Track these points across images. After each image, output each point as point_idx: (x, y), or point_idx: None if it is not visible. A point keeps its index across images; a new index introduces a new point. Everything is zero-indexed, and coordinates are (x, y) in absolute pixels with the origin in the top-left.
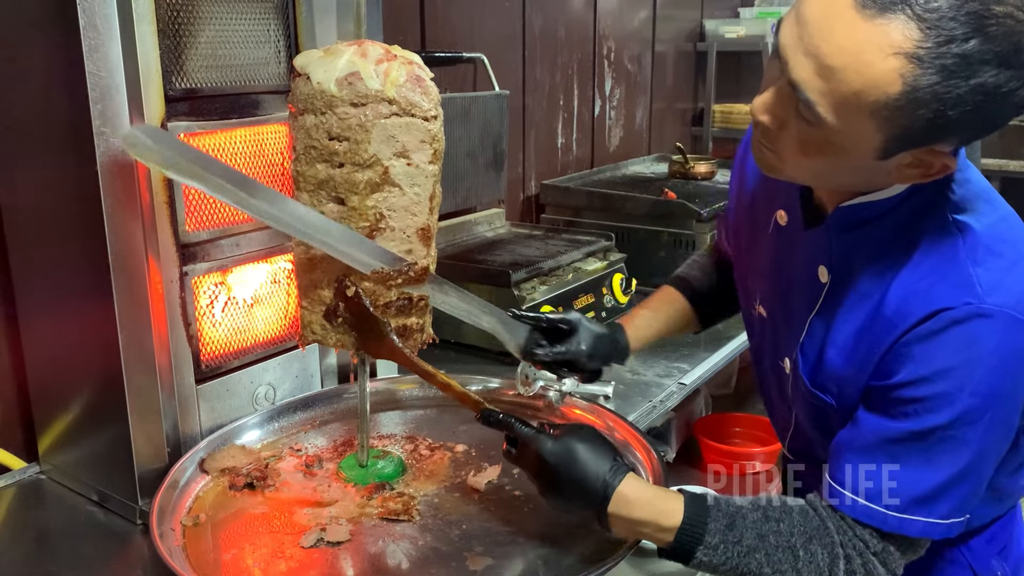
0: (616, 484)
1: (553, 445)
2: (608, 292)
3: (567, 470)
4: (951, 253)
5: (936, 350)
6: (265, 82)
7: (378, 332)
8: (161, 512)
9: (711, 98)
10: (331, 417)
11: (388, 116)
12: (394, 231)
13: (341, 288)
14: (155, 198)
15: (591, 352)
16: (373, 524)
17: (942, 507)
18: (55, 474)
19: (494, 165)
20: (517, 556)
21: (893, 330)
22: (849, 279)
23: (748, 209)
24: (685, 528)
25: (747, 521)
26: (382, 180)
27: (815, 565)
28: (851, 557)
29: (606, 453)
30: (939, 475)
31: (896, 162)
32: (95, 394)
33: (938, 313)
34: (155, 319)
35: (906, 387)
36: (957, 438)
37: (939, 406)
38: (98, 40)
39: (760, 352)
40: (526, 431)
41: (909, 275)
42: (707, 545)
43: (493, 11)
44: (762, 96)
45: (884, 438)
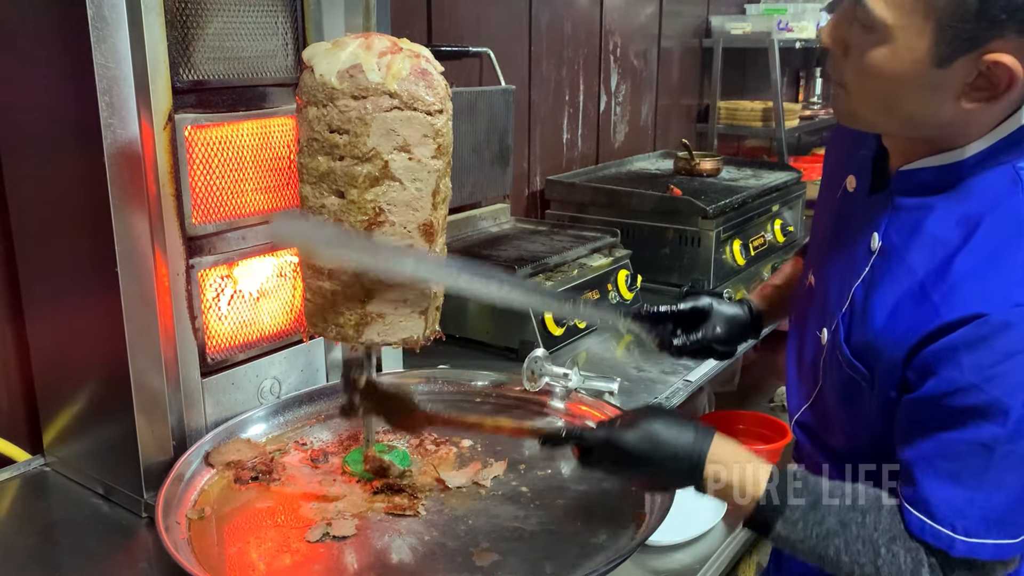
0: (707, 448)
1: (633, 433)
2: (613, 288)
3: (658, 452)
4: (1014, 245)
5: (985, 356)
6: (272, 75)
7: (407, 407)
8: (167, 505)
9: (716, 94)
10: (336, 411)
11: (389, 109)
12: (394, 226)
13: (350, 381)
14: (162, 190)
15: (727, 336)
16: (379, 519)
17: (1013, 528)
18: (60, 466)
19: (500, 160)
20: (523, 552)
21: (936, 317)
22: (899, 250)
23: (826, 179)
24: (769, 497)
25: (832, 505)
26: (382, 174)
27: (896, 567)
28: (935, 567)
29: (684, 422)
30: (1008, 494)
31: (960, 79)
32: (100, 387)
33: (984, 316)
34: (161, 312)
35: (956, 394)
36: (1018, 453)
37: (993, 415)
38: (106, 31)
39: (800, 323)
40: (597, 434)
41: (964, 261)
42: (787, 520)
43: (500, 5)
44: (828, 21)
45: (942, 454)
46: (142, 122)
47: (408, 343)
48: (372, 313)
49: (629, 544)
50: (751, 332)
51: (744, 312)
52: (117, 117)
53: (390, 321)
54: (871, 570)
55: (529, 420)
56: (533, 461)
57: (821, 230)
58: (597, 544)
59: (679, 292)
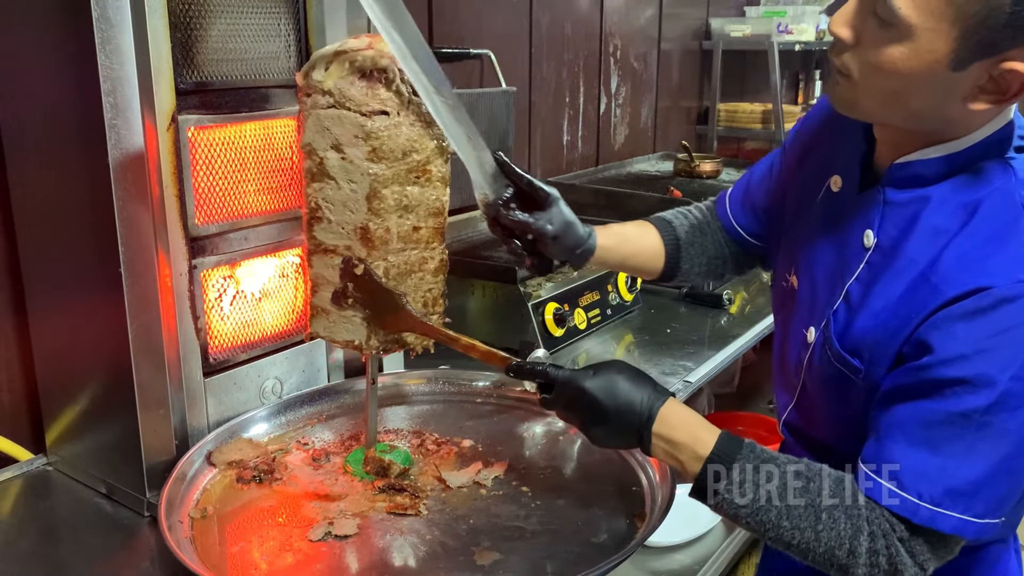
0: (660, 405)
1: (594, 379)
2: (613, 290)
3: (612, 399)
4: (1011, 227)
5: (980, 328)
6: (275, 76)
7: (393, 305)
8: (169, 504)
9: (716, 97)
10: (338, 411)
11: (325, 108)
12: (331, 223)
13: (348, 268)
14: (165, 191)
15: (558, 234)
16: (380, 518)
17: (979, 504)
18: (62, 466)
19: None
20: (524, 551)
21: (937, 296)
22: (898, 244)
23: (799, 179)
24: (714, 459)
25: (779, 470)
26: (319, 171)
27: (836, 532)
28: (875, 535)
29: (646, 379)
30: (977, 467)
31: (971, 81)
32: (103, 386)
33: (985, 290)
34: (164, 312)
35: (944, 365)
36: (996, 426)
37: (978, 388)
38: (110, 32)
39: (783, 324)
40: (563, 373)
41: (963, 242)
42: (731, 481)
43: (500, 8)
44: (840, 11)
45: (920, 421)
46: (146, 123)
47: (352, 347)
48: (318, 306)
49: (630, 544)
50: (583, 254)
51: (584, 230)
52: (121, 118)
53: (333, 319)
54: (811, 535)
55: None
56: (534, 461)
57: (800, 232)
58: (598, 544)
59: (679, 294)
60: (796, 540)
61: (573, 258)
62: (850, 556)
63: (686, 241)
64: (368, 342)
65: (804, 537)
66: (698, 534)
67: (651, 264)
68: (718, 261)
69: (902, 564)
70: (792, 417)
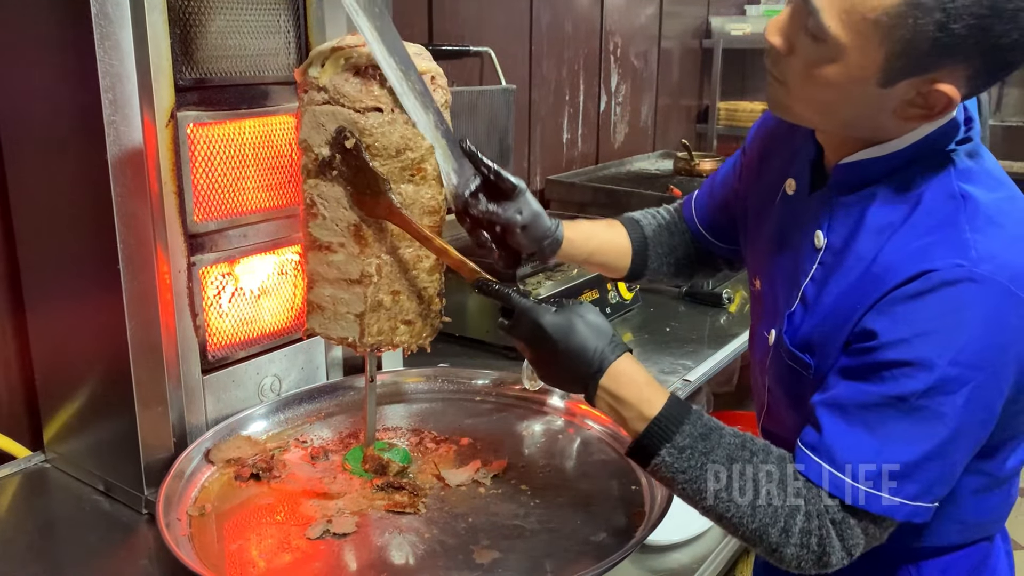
0: (613, 358)
1: (553, 316)
2: (613, 289)
3: (566, 340)
4: (951, 217)
5: (920, 310)
6: (274, 73)
7: (375, 189)
8: (167, 502)
9: (716, 95)
10: (336, 409)
11: (320, 104)
12: (326, 219)
13: (339, 139)
14: (164, 188)
15: (527, 224)
16: (379, 516)
17: (911, 486)
18: (60, 463)
19: (500, 159)
20: (523, 550)
21: (880, 286)
22: (847, 242)
23: (757, 182)
24: (660, 420)
25: (723, 440)
26: (314, 166)
27: (772, 508)
28: (811, 515)
29: (606, 330)
30: (912, 449)
31: (899, 96)
32: (101, 383)
33: (927, 273)
34: (163, 309)
35: (884, 349)
36: (932, 409)
37: (917, 371)
38: (109, 28)
39: (752, 326)
40: (524, 301)
41: (905, 234)
42: (675, 445)
43: (501, 5)
44: (776, 18)
45: (857, 403)
46: (145, 120)
47: (346, 344)
48: (314, 303)
49: (629, 543)
50: (551, 245)
51: (550, 223)
52: (120, 115)
53: (328, 315)
54: (747, 510)
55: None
56: (533, 459)
57: (762, 237)
58: (597, 542)
59: (678, 293)
60: (731, 513)
61: (541, 249)
62: (783, 535)
63: (653, 240)
64: (362, 339)
65: (739, 512)
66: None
67: (618, 261)
68: (685, 262)
69: (831, 547)
70: (766, 422)
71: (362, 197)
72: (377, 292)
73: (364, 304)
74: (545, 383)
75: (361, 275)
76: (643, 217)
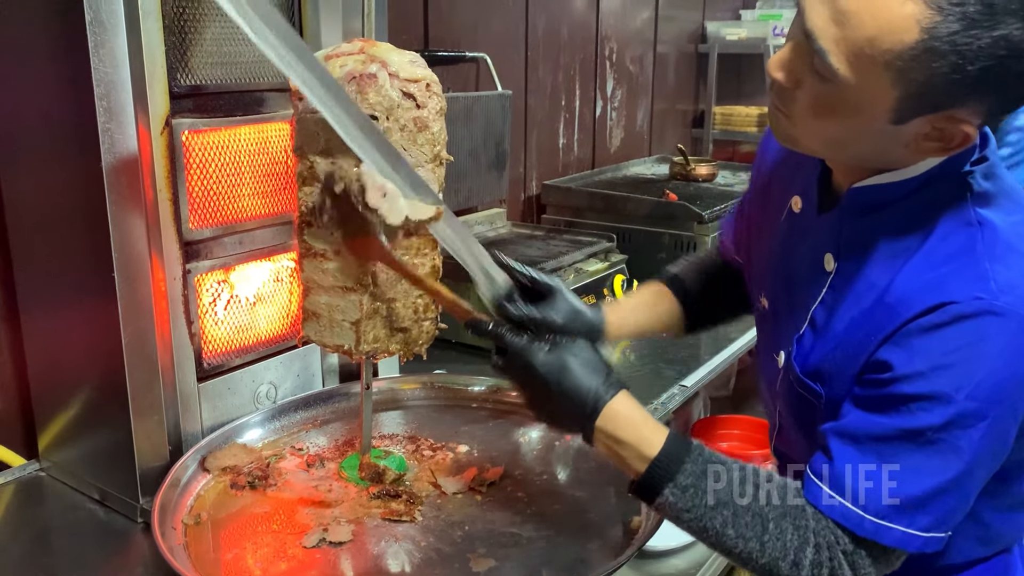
0: (608, 398)
1: (546, 356)
2: (609, 293)
3: (559, 381)
4: (968, 245)
5: (937, 344)
6: (269, 79)
7: (365, 232)
8: (163, 510)
9: (712, 100)
10: (332, 416)
11: (313, 112)
12: (321, 229)
13: (329, 184)
14: (159, 195)
15: (565, 325)
16: (375, 524)
17: (923, 518)
18: (55, 471)
19: (496, 165)
20: (520, 558)
21: (895, 318)
22: (858, 267)
23: (762, 197)
24: (661, 460)
25: (726, 475)
26: (309, 174)
27: (782, 543)
28: (821, 547)
29: (600, 368)
30: (925, 482)
31: (913, 131)
32: (96, 391)
33: (945, 305)
34: (158, 317)
35: (901, 382)
36: (948, 443)
37: (933, 405)
38: (104, 36)
39: (760, 346)
40: (517, 340)
41: (919, 263)
42: (677, 484)
43: (496, 11)
44: (779, 52)
45: (871, 435)
46: (139, 127)
47: (341, 352)
48: (309, 310)
49: (627, 550)
50: (593, 337)
51: (591, 314)
52: (115, 122)
53: (324, 323)
54: (755, 545)
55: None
56: (530, 467)
57: (766, 253)
58: (593, 550)
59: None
60: (740, 548)
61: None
62: (793, 568)
63: (697, 293)
64: (357, 347)
65: (748, 546)
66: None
67: (670, 326)
68: (734, 299)
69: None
70: (778, 443)
71: (353, 241)
72: (372, 299)
73: (359, 311)
74: (543, 423)
75: (356, 282)
76: (683, 271)
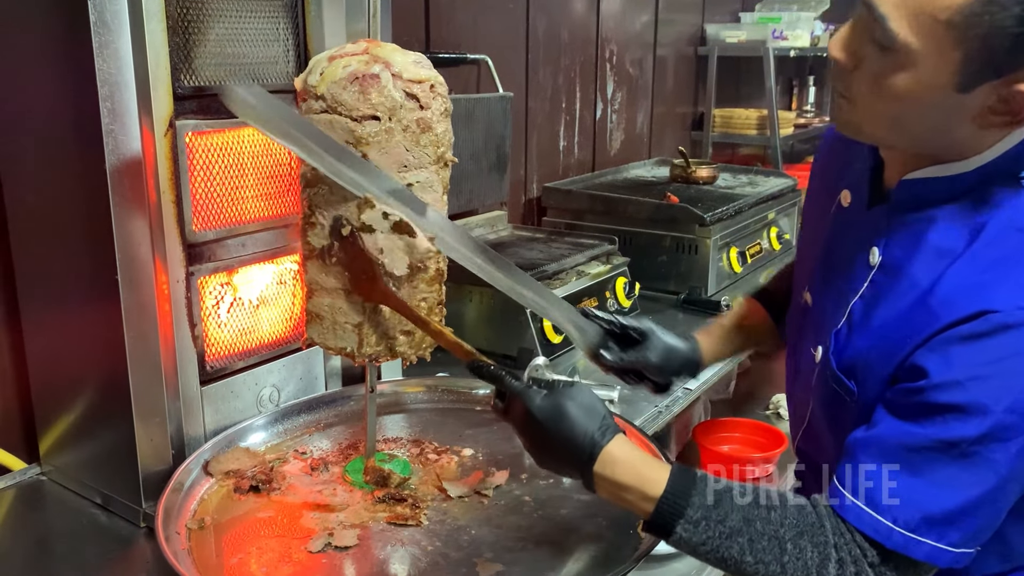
0: (604, 443)
1: (542, 401)
2: (612, 296)
3: (555, 427)
4: (1016, 252)
5: (976, 354)
6: (274, 81)
7: (371, 274)
8: (167, 515)
9: (711, 102)
10: (335, 420)
11: (318, 112)
12: (324, 228)
13: (336, 227)
14: (162, 197)
15: (661, 364)
16: (380, 529)
17: (955, 533)
18: (56, 475)
19: (497, 167)
20: (527, 562)
21: (934, 321)
22: (902, 264)
23: (815, 193)
24: (667, 499)
25: (735, 502)
26: (313, 175)
27: (803, 562)
28: (844, 562)
29: (596, 412)
30: (959, 496)
31: (979, 102)
32: (98, 394)
33: (986, 314)
34: (161, 320)
35: (936, 390)
36: (984, 456)
37: (969, 416)
38: (108, 37)
39: (795, 343)
40: (515, 384)
41: (965, 266)
42: (688, 520)
43: (497, 13)
44: (839, 32)
45: (904, 445)
46: (143, 128)
47: (344, 354)
48: (312, 312)
49: (635, 554)
50: (690, 369)
51: (685, 347)
52: (119, 123)
53: (327, 325)
54: (776, 568)
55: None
56: (535, 470)
57: (813, 248)
58: (601, 555)
59: (677, 300)
60: (761, 574)
61: (686, 375)
62: None
63: (784, 301)
64: (360, 349)
65: (769, 570)
66: None
67: (765, 340)
68: None
69: None
70: (802, 442)
71: (359, 282)
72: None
73: (362, 314)
74: (543, 468)
75: None
76: (771, 281)
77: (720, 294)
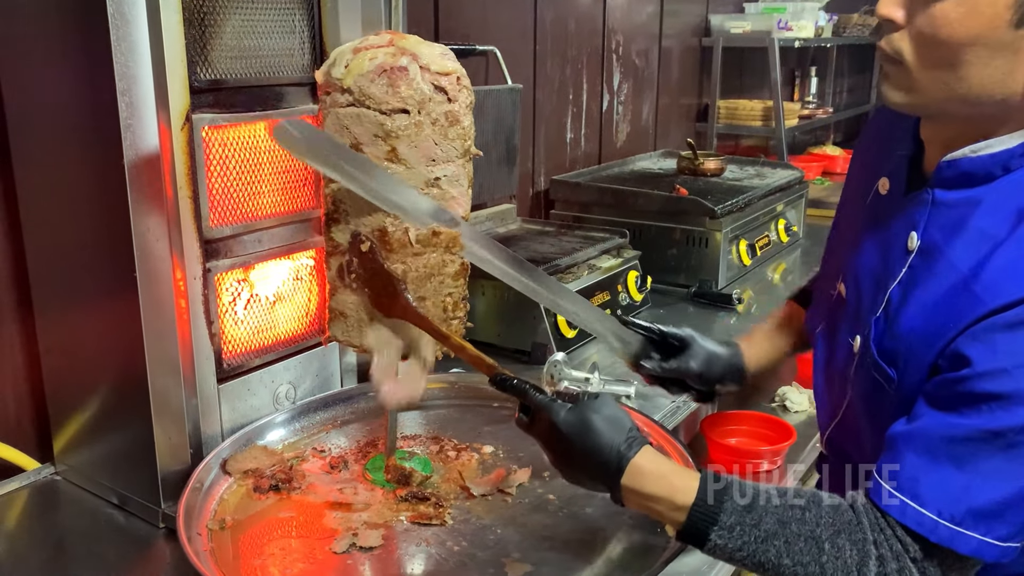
0: (631, 456)
1: (567, 414)
2: (623, 290)
3: (581, 441)
4: None
5: (1022, 340)
6: (290, 74)
7: (391, 290)
8: (187, 515)
9: (716, 94)
10: (352, 417)
11: (344, 106)
12: (349, 224)
13: (356, 243)
14: (179, 192)
15: (703, 371)
16: (404, 528)
17: (1002, 527)
18: (71, 475)
19: (507, 160)
20: (556, 562)
21: (978, 307)
22: (941, 247)
23: (853, 183)
24: (699, 506)
25: (769, 505)
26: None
27: (842, 561)
28: (885, 558)
29: (622, 424)
30: (1005, 488)
31: None
32: (115, 392)
33: None
34: (178, 316)
35: (980, 379)
36: None
37: (1015, 405)
38: (126, 29)
39: (830, 334)
40: (540, 398)
41: (1010, 251)
42: (722, 526)
43: (505, 4)
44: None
45: (947, 436)
46: (160, 122)
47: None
48: (336, 310)
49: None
50: (733, 376)
51: (727, 353)
52: (136, 117)
53: (352, 323)
54: (815, 569)
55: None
56: None
57: (847, 238)
58: (628, 555)
59: (687, 293)
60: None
61: (730, 383)
62: None
63: None
64: None
65: (808, 572)
66: None
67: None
68: None
69: None
70: (835, 434)
71: (379, 298)
72: None
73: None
74: (569, 482)
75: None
76: (811, 281)
77: (730, 287)
